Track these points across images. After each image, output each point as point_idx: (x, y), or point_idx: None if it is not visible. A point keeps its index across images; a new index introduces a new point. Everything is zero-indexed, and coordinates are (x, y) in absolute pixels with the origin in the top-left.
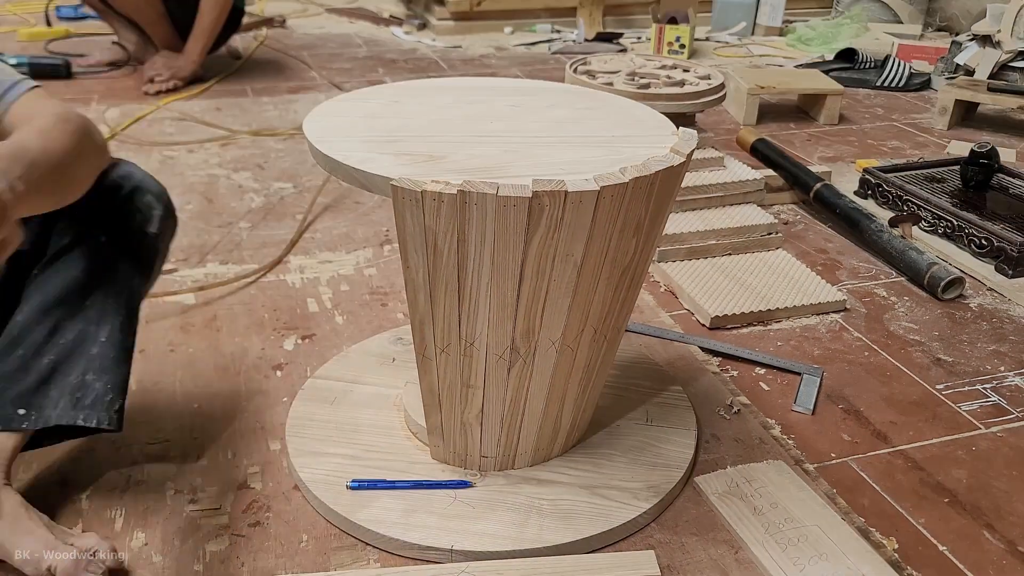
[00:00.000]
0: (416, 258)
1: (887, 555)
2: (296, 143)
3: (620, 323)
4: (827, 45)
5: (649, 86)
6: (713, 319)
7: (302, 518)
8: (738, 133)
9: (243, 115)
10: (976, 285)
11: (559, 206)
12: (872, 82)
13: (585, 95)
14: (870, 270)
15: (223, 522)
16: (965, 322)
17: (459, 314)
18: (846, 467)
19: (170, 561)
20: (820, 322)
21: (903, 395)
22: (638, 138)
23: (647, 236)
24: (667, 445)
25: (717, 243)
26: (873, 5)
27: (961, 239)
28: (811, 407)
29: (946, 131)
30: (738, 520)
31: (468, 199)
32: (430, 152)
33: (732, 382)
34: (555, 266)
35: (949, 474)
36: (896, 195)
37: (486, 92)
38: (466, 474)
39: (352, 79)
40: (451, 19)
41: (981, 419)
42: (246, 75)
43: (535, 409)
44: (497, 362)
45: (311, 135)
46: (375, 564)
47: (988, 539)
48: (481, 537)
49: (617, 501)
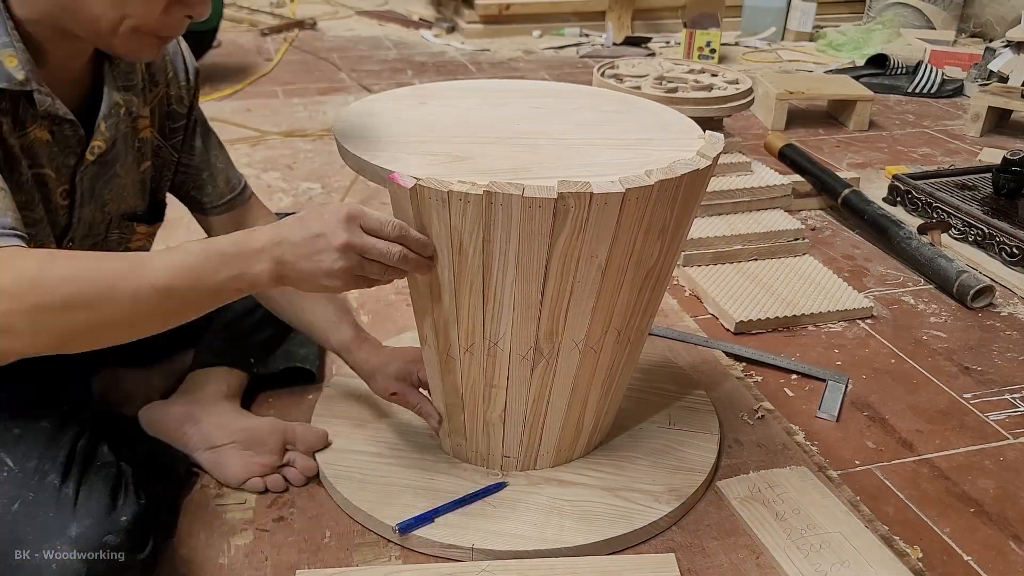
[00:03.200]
0: (441, 258)
1: (911, 564)
2: (325, 144)
3: (644, 325)
4: (858, 51)
5: (677, 90)
6: (738, 324)
7: (325, 514)
8: (766, 138)
9: (273, 116)
10: (1006, 294)
11: (584, 208)
12: (903, 88)
13: (612, 98)
14: (898, 277)
15: (248, 516)
16: (994, 331)
17: (483, 314)
18: (870, 475)
19: (195, 554)
20: (846, 329)
21: (930, 403)
22: (664, 141)
23: (672, 239)
24: (689, 449)
25: (743, 248)
26: (905, 10)
27: (992, 247)
28: (835, 414)
29: (978, 138)
30: (760, 525)
31: (494, 200)
32: (457, 153)
33: (756, 387)
34: (579, 267)
35: (975, 484)
36: (926, 202)
37: (513, 94)
38: (489, 473)
39: (381, 81)
40: (480, 22)
41: (1009, 429)
42: (277, 77)
43: (558, 410)
44: (520, 362)
45: (340, 135)
46: (397, 561)
47: (1014, 550)
48: (502, 536)
49: (638, 503)
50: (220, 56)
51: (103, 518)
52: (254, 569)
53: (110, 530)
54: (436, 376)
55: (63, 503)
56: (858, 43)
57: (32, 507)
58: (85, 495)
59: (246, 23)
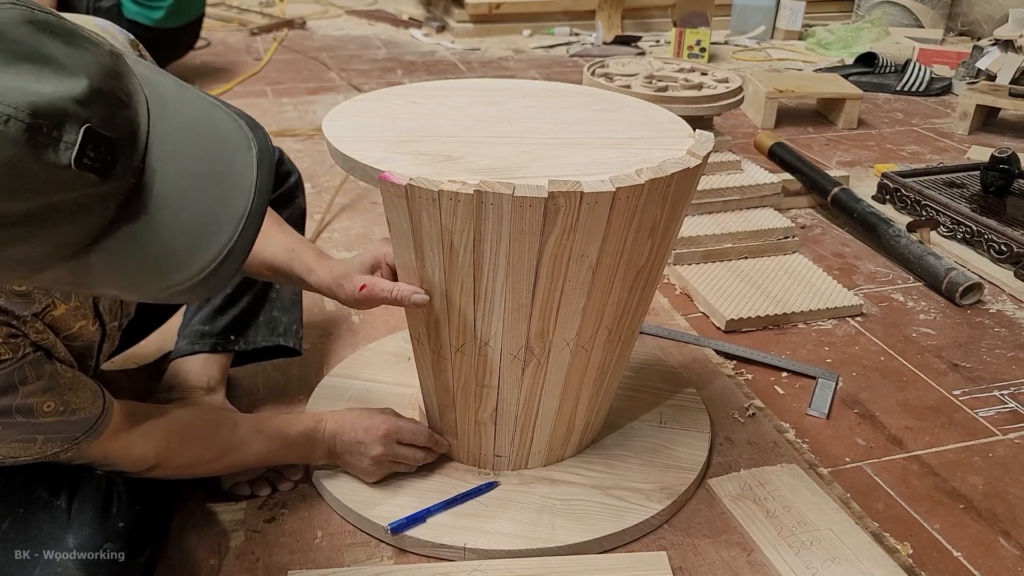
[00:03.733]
0: (432, 258)
1: (901, 560)
2: (315, 144)
3: (635, 324)
4: (847, 49)
5: (667, 89)
6: (728, 322)
7: (317, 515)
8: (756, 137)
9: (263, 116)
10: (995, 291)
11: (575, 207)
12: (892, 86)
13: (602, 97)
14: (887, 275)
15: (239, 517)
16: (983, 328)
17: (474, 314)
18: (860, 471)
19: (186, 555)
20: (836, 326)
21: (919, 400)
22: (654, 140)
23: (662, 238)
24: (680, 447)
25: (733, 246)
26: (894, 9)
27: (980, 244)
28: (826, 411)
29: (966, 136)
30: (751, 523)
31: (484, 199)
32: (447, 152)
33: (747, 385)
34: (570, 266)
35: (965, 480)
36: (915, 200)
37: (503, 93)
38: (481, 473)
39: (371, 80)
40: (470, 21)
41: (998, 425)
42: (266, 76)
43: (549, 409)
44: (512, 362)
45: (330, 135)
46: (388, 561)
47: (1004, 546)
48: (494, 536)
49: (630, 502)
50: (209, 55)
51: (100, 526)
52: (246, 570)
53: (108, 538)
54: (427, 376)
55: (57, 515)
56: (847, 42)
57: (24, 522)
58: (78, 506)
59: (235, 22)
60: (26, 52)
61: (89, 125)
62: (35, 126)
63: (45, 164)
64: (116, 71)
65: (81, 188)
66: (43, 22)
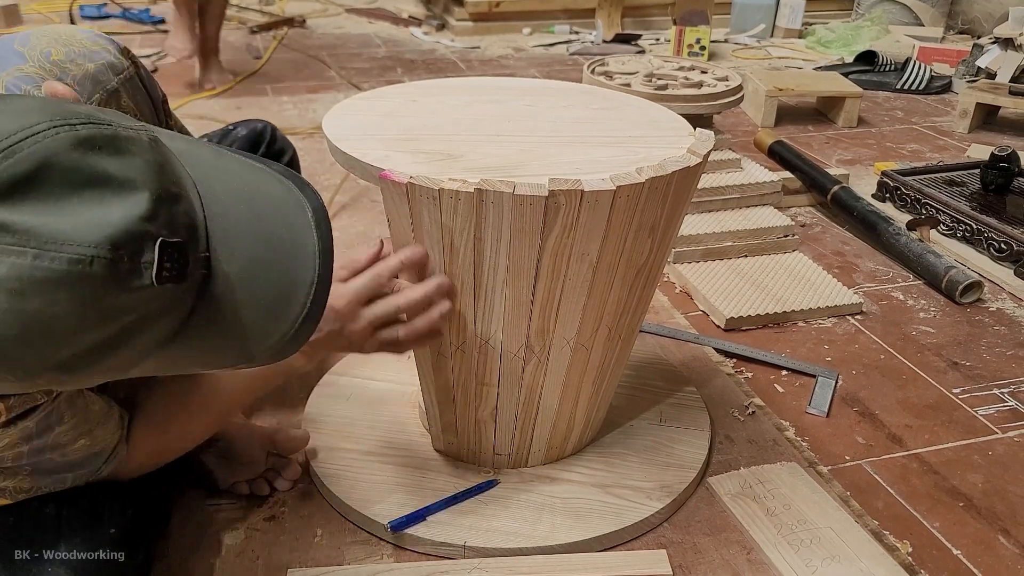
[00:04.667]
0: (432, 256)
1: (901, 558)
2: (315, 142)
3: (635, 323)
4: (847, 47)
5: (667, 87)
6: (728, 320)
7: (317, 513)
8: (756, 135)
9: (263, 114)
10: (995, 289)
11: (575, 205)
12: (892, 85)
13: (602, 96)
14: (887, 273)
15: (239, 516)
16: (983, 326)
17: (474, 312)
18: (860, 470)
19: (186, 554)
20: (836, 325)
21: (919, 398)
22: (654, 139)
23: (663, 236)
24: (680, 445)
25: (733, 245)
26: (894, 7)
27: (980, 243)
28: (826, 409)
29: (966, 134)
30: (751, 521)
31: (485, 197)
32: (447, 151)
33: (746, 383)
34: (570, 265)
35: (965, 478)
36: (915, 198)
37: (503, 92)
38: (481, 471)
39: (371, 79)
40: (470, 20)
41: (998, 423)
42: (266, 75)
43: (549, 407)
44: (512, 360)
45: (330, 133)
46: (388, 559)
47: (1003, 544)
48: (494, 534)
49: (630, 500)
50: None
51: (91, 534)
52: (246, 569)
53: (100, 545)
54: (427, 374)
55: (46, 524)
56: (847, 40)
57: (14, 531)
58: (67, 515)
59: (235, 20)
60: (84, 179)
61: (161, 239)
62: (116, 259)
63: (130, 290)
64: (162, 163)
65: (163, 297)
66: (89, 139)
